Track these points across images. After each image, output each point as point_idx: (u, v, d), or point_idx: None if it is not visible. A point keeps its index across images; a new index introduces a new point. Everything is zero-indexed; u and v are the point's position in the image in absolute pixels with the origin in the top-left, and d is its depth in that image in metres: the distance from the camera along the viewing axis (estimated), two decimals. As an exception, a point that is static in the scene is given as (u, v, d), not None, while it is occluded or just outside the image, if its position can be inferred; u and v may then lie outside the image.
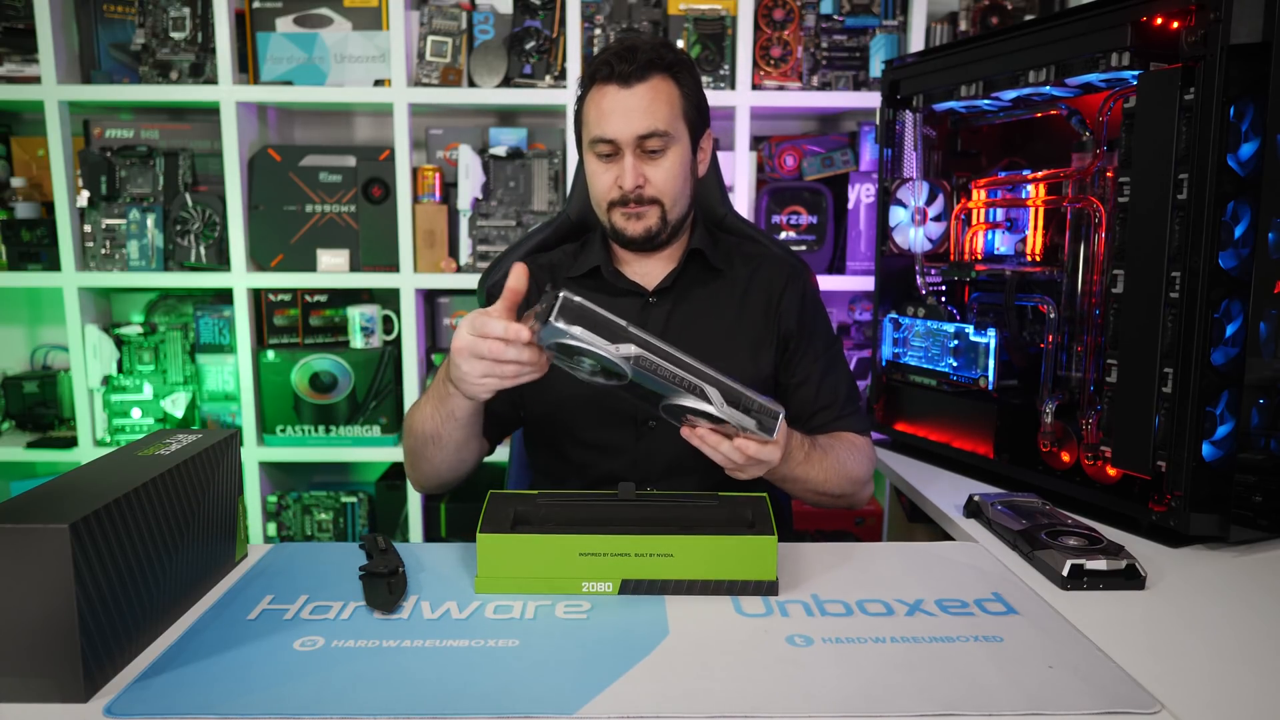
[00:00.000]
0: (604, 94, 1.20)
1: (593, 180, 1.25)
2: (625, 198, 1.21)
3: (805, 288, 1.33)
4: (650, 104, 1.18)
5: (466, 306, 2.28)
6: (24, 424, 2.27)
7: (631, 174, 1.20)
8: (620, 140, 1.19)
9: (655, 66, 1.19)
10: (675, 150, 1.21)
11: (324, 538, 2.26)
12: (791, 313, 1.29)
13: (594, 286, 1.31)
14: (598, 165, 1.23)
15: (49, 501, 0.77)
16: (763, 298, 1.30)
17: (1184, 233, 1.09)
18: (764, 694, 0.76)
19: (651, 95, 1.19)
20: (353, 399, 2.19)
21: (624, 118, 1.18)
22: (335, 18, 2.12)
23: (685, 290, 1.29)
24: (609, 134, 1.19)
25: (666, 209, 1.23)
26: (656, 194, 1.22)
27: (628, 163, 1.20)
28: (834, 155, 2.21)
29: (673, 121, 1.20)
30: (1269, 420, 1.12)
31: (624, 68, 1.18)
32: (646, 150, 1.20)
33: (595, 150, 1.22)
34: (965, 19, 2.17)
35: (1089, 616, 0.91)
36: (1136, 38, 1.14)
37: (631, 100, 1.18)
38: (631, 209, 1.22)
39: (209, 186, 2.21)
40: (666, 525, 0.99)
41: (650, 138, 1.19)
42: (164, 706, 0.74)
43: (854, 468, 1.22)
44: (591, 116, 1.22)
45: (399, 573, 0.97)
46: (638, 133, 1.18)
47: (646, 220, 1.23)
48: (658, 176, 1.21)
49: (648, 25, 2.12)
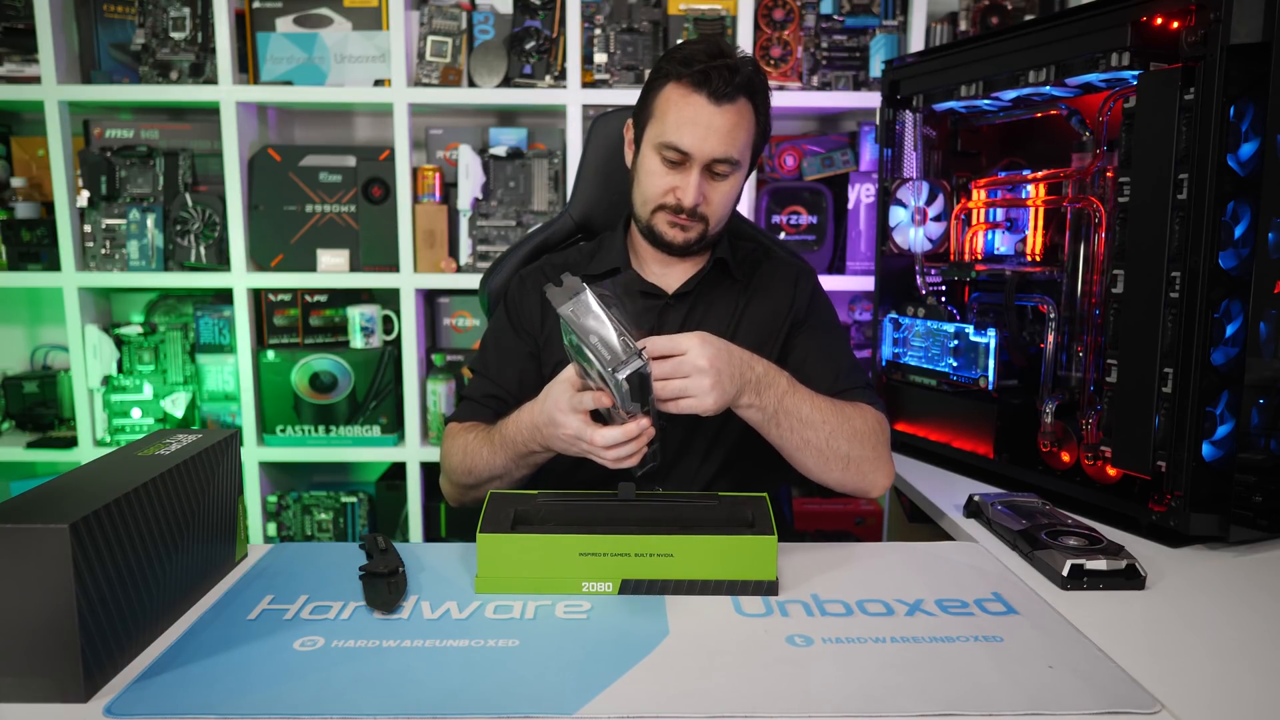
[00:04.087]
0: (690, 102, 1.16)
1: (648, 178, 1.22)
2: (679, 208, 1.20)
3: (814, 285, 1.34)
4: (734, 129, 1.17)
5: (467, 306, 2.28)
6: (24, 424, 2.27)
7: (694, 191, 1.18)
8: (695, 155, 1.17)
9: (746, 90, 1.17)
10: (738, 176, 1.22)
11: (324, 538, 2.26)
12: (802, 305, 1.30)
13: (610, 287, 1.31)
14: (659, 166, 1.20)
15: (49, 501, 0.77)
16: (770, 298, 1.30)
17: (1184, 233, 1.09)
18: (764, 694, 0.76)
19: (736, 120, 1.17)
20: (353, 399, 2.19)
21: (705, 135, 1.16)
22: (335, 18, 2.12)
23: (700, 295, 1.29)
24: (685, 145, 1.17)
25: (711, 227, 1.23)
26: (709, 213, 1.21)
27: (694, 180, 1.18)
28: (834, 155, 2.21)
29: (745, 150, 1.20)
30: (1269, 420, 1.12)
31: (720, 84, 1.14)
32: (714, 172, 1.19)
33: (662, 154, 1.19)
34: (965, 19, 2.17)
35: (1089, 616, 0.91)
36: (1136, 38, 1.14)
37: (718, 120, 1.16)
38: (680, 219, 1.21)
39: (209, 186, 2.22)
40: (666, 525, 0.99)
41: (725, 162, 1.18)
42: (164, 706, 0.74)
43: (860, 425, 1.16)
44: (670, 119, 1.18)
45: (399, 573, 0.97)
46: (714, 155, 1.17)
47: (689, 233, 1.22)
48: (716, 198, 1.21)
49: (648, 25, 2.12)
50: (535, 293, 1.31)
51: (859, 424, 1.16)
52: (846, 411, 1.16)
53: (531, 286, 1.32)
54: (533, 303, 1.31)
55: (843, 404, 1.17)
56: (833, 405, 1.15)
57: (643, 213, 1.24)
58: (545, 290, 0.98)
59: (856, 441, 1.15)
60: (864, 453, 1.15)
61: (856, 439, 1.15)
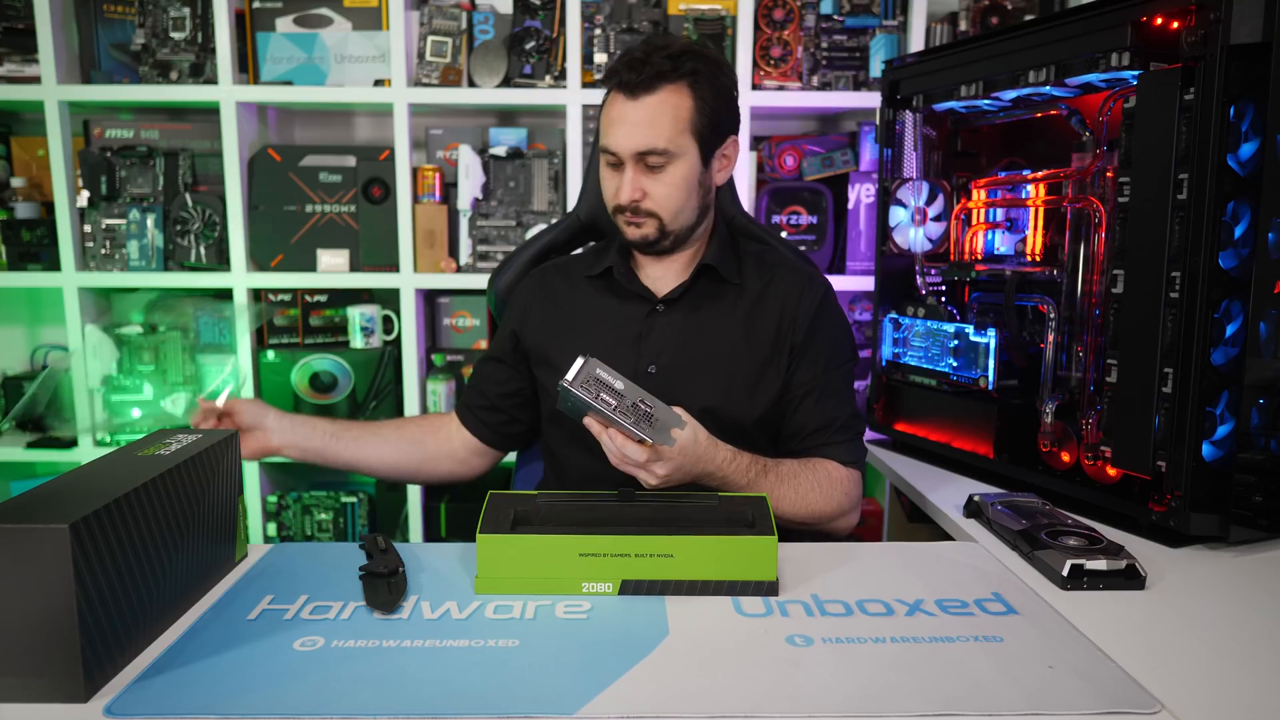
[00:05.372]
0: (613, 102, 1.19)
1: (601, 185, 1.26)
2: (623, 207, 1.21)
3: (821, 300, 1.29)
4: (653, 119, 1.16)
5: (467, 306, 2.28)
6: (24, 424, 2.27)
7: (629, 188, 1.19)
8: (620, 154, 1.18)
9: (664, 77, 1.15)
10: (678, 165, 1.19)
11: (324, 538, 2.26)
12: (803, 325, 1.26)
13: (603, 288, 1.31)
14: (605, 172, 1.24)
15: (49, 501, 0.77)
16: (775, 310, 1.27)
17: (1184, 233, 1.08)
18: (764, 694, 0.76)
19: (656, 109, 1.16)
20: (353, 399, 2.18)
21: (625, 132, 1.17)
22: (335, 18, 2.12)
23: (696, 301, 1.28)
24: (611, 146, 1.19)
25: (665, 222, 1.22)
26: (654, 208, 1.21)
27: (627, 176, 1.19)
28: (834, 155, 2.21)
29: (676, 137, 1.17)
30: (1269, 420, 1.12)
31: (631, 77, 1.15)
32: (648, 165, 1.18)
33: (604, 158, 1.22)
34: (965, 19, 2.17)
35: (1089, 616, 0.91)
36: (1136, 38, 1.14)
37: (635, 113, 1.16)
38: (629, 217, 1.22)
39: (209, 186, 2.21)
40: (666, 525, 0.99)
41: (650, 154, 1.17)
42: (164, 706, 0.74)
43: (818, 501, 1.19)
44: (602, 124, 1.22)
45: (399, 573, 0.97)
46: (636, 148, 1.17)
47: (644, 229, 1.23)
48: (656, 191, 1.20)
49: (648, 25, 2.12)
50: (532, 295, 1.36)
51: (816, 500, 1.20)
52: (805, 489, 1.19)
53: (533, 288, 1.37)
54: (522, 305, 1.36)
55: (806, 481, 1.19)
56: (793, 490, 1.18)
57: (612, 218, 1.27)
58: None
59: (809, 514, 1.19)
60: (816, 521, 1.21)
61: (810, 513, 1.19)
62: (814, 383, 1.26)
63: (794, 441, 1.26)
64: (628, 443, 1.02)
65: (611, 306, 1.30)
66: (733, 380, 1.24)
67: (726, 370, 1.24)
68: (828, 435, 1.24)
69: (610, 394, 0.99)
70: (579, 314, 1.31)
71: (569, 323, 1.31)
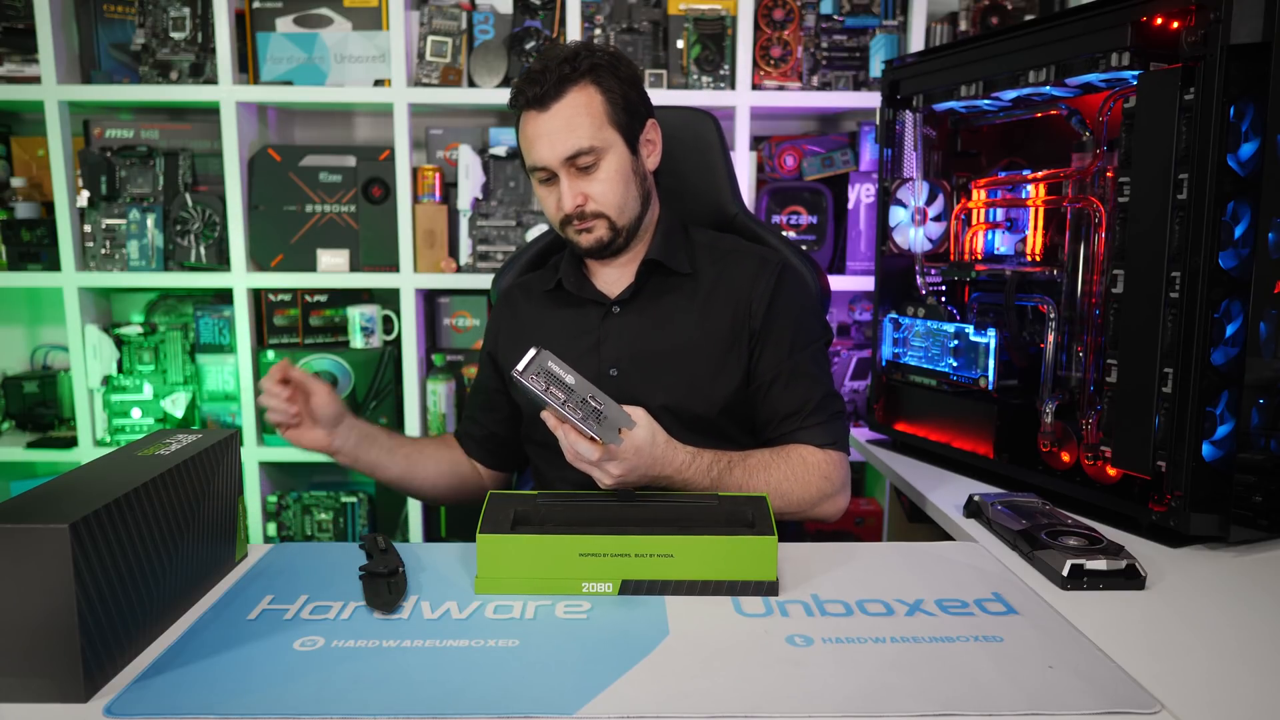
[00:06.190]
0: (527, 121, 1.20)
1: (541, 203, 1.27)
2: (570, 216, 1.22)
3: (777, 282, 1.26)
4: (570, 121, 1.17)
5: (467, 306, 2.28)
6: (24, 424, 2.27)
7: (569, 195, 1.20)
8: (550, 165, 1.19)
9: (568, 80, 1.17)
10: (609, 159, 1.20)
11: (324, 538, 2.26)
12: (759, 310, 1.24)
13: (560, 300, 1.32)
14: (542, 190, 1.24)
15: (49, 501, 0.77)
16: (730, 297, 1.25)
17: (1184, 233, 1.08)
18: (764, 694, 0.76)
19: (570, 112, 1.17)
20: (353, 399, 2.18)
21: (547, 142, 1.18)
22: (335, 18, 2.12)
23: (649, 299, 1.27)
24: (539, 161, 1.20)
25: (613, 219, 1.22)
26: (599, 208, 1.21)
27: (563, 185, 1.20)
28: (834, 155, 2.21)
29: (598, 132, 1.18)
30: (1269, 420, 1.12)
31: (535, 90, 1.17)
32: (579, 167, 1.19)
33: (535, 177, 1.23)
34: (965, 19, 2.17)
35: (1089, 616, 0.91)
36: (1136, 38, 1.14)
37: (551, 123, 1.17)
38: (578, 225, 1.22)
39: (209, 186, 2.22)
40: (666, 525, 0.99)
41: (578, 156, 1.18)
42: (164, 706, 0.74)
43: (793, 490, 1.16)
44: (523, 145, 1.22)
45: (399, 573, 0.97)
46: (563, 155, 1.18)
47: (596, 232, 1.23)
48: (596, 190, 1.20)
49: (648, 25, 2.12)
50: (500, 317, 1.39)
51: (791, 489, 1.17)
52: (778, 479, 1.16)
53: (501, 309, 1.40)
54: (494, 327, 1.39)
55: (779, 471, 1.16)
56: (764, 483, 1.15)
57: (560, 233, 1.27)
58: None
59: (785, 503, 1.16)
60: (795, 510, 1.18)
61: (785, 502, 1.16)
62: (780, 367, 1.23)
63: (768, 429, 1.24)
64: (579, 439, 1.01)
65: (569, 316, 1.30)
66: (693, 374, 1.23)
67: (686, 365, 1.23)
68: (801, 420, 1.22)
69: (560, 388, 0.98)
70: (540, 328, 1.32)
71: (531, 338, 1.30)
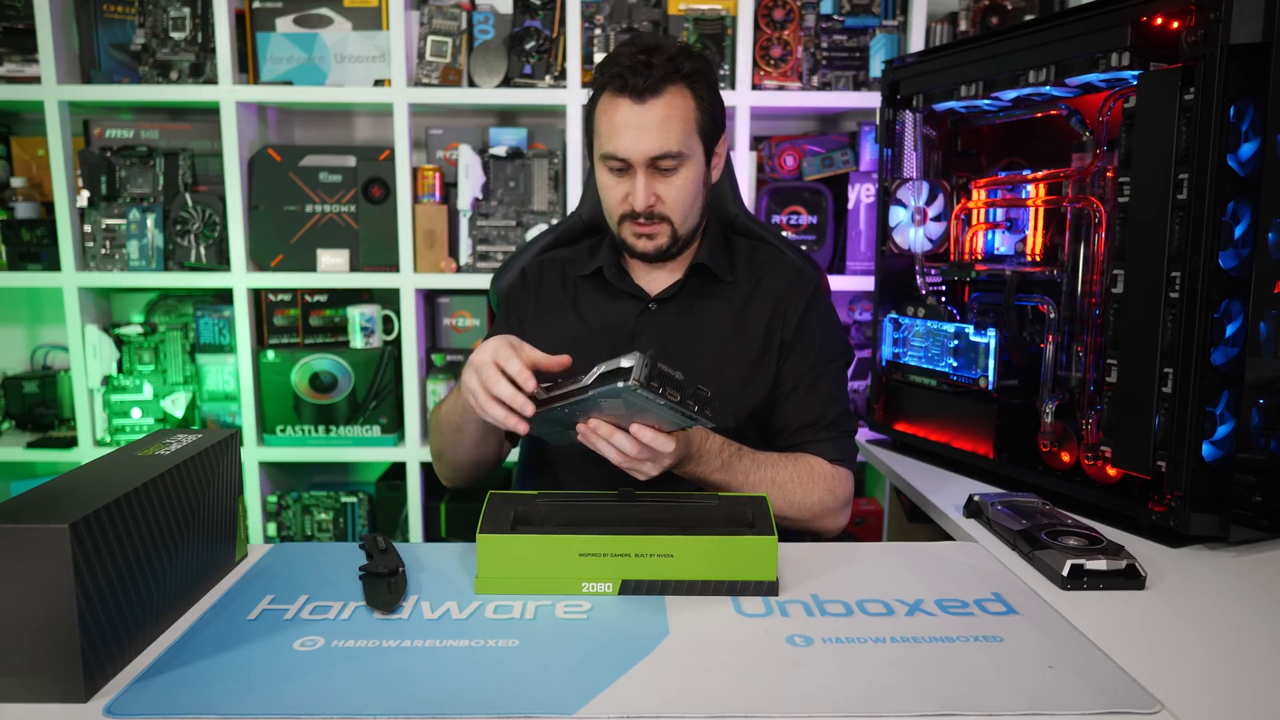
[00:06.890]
0: (616, 107, 1.15)
1: (604, 193, 1.22)
2: (636, 214, 1.19)
3: (812, 296, 1.28)
4: (664, 121, 1.14)
5: (467, 306, 2.28)
6: (24, 424, 2.27)
7: (644, 194, 1.17)
8: (632, 159, 1.16)
9: (671, 78, 1.14)
10: (689, 167, 1.18)
11: (324, 538, 2.26)
12: (792, 321, 1.26)
13: (596, 286, 1.31)
14: (609, 179, 1.20)
15: (49, 501, 0.77)
16: (767, 307, 1.26)
17: (1184, 233, 1.09)
18: (764, 694, 0.76)
19: (666, 112, 1.14)
20: (353, 399, 2.19)
21: (636, 136, 1.14)
22: (335, 18, 2.12)
23: (688, 301, 1.27)
24: (620, 152, 1.16)
25: (677, 225, 1.21)
26: (668, 212, 1.19)
27: (640, 182, 1.17)
28: (834, 155, 2.21)
29: (686, 139, 1.16)
30: (1269, 420, 1.12)
31: (637, 81, 1.12)
32: (660, 169, 1.16)
33: (607, 164, 1.19)
34: (965, 19, 2.17)
35: (1089, 616, 0.91)
36: (1136, 38, 1.14)
37: (644, 117, 1.14)
38: (642, 226, 1.20)
39: (209, 186, 2.21)
40: (666, 525, 0.99)
41: (664, 158, 1.15)
42: (164, 706, 0.74)
43: (797, 491, 1.16)
44: (603, 129, 1.17)
45: (399, 573, 0.96)
46: (650, 154, 1.15)
47: (658, 239, 1.21)
48: (670, 195, 1.18)
49: (648, 25, 2.12)
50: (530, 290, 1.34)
51: (797, 491, 1.16)
52: (785, 478, 1.16)
53: (532, 283, 1.35)
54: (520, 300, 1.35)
55: (787, 471, 1.16)
56: (771, 479, 1.14)
57: (613, 225, 1.24)
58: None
59: (790, 505, 1.16)
60: (799, 515, 1.17)
61: (790, 504, 1.16)
62: (801, 379, 1.24)
63: (780, 438, 1.25)
64: (657, 436, 0.98)
65: (603, 305, 1.29)
66: (724, 382, 1.23)
67: (718, 369, 1.23)
68: (814, 432, 1.23)
69: (672, 386, 0.90)
70: (571, 311, 1.30)
71: (561, 320, 1.30)
